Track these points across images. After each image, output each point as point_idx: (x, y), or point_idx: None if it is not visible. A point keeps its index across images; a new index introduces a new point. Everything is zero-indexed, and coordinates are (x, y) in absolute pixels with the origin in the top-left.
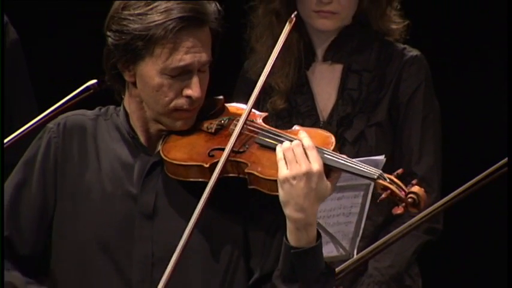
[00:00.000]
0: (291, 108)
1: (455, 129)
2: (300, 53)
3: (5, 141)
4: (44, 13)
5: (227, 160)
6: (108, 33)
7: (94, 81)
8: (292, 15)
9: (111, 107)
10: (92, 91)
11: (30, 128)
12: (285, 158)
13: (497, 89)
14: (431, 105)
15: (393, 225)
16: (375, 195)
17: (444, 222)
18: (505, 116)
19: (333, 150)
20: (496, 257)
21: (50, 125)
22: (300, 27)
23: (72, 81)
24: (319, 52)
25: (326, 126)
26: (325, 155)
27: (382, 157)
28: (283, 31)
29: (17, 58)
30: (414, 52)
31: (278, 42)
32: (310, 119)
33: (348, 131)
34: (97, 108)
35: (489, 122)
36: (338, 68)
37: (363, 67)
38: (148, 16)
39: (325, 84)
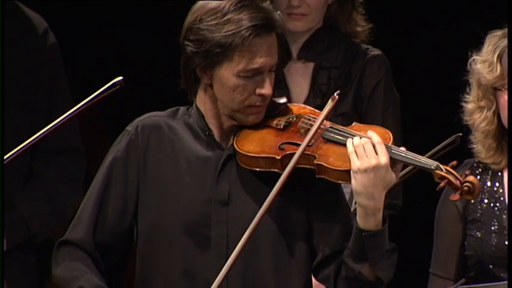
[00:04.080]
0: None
1: (414, 115)
2: None
3: (46, 128)
4: (77, 19)
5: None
6: (186, 43)
7: (120, 78)
8: (335, 94)
9: (181, 108)
10: (118, 87)
11: (65, 119)
12: (356, 152)
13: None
14: (391, 97)
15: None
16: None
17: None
18: (454, 105)
19: (391, 144)
20: None
21: (129, 128)
22: None
23: (100, 78)
24: (294, 52)
25: None
26: (390, 150)
27: None
28: (326, 106)
29: (56, 60)
30: (376, 52)
31: (322, 114)
32: None
33: None
34: (168, 110)
35: (444, 109)
36: (310, 66)
37: (332, 64)
38: (225, 26)
39: (299, 79)
